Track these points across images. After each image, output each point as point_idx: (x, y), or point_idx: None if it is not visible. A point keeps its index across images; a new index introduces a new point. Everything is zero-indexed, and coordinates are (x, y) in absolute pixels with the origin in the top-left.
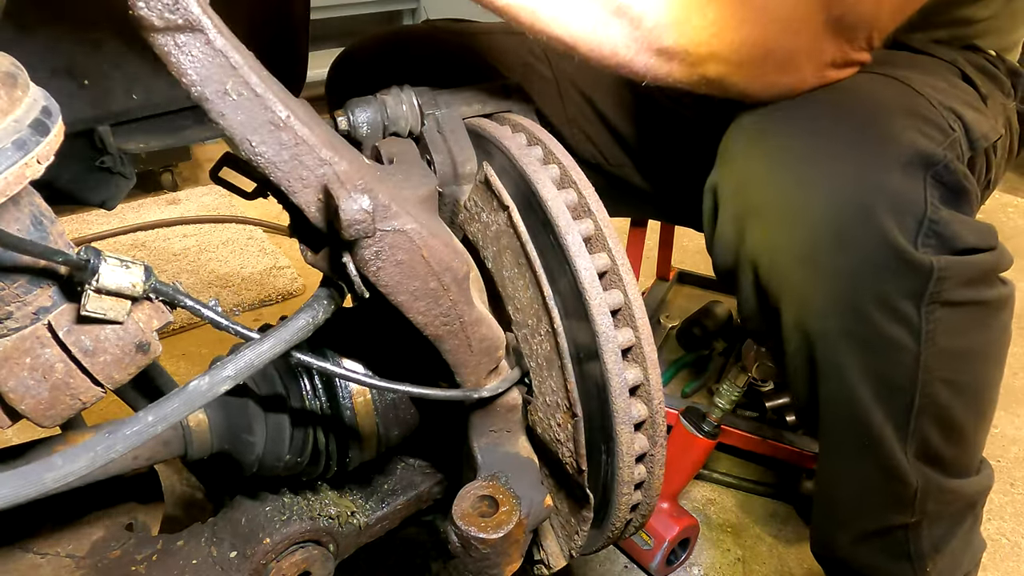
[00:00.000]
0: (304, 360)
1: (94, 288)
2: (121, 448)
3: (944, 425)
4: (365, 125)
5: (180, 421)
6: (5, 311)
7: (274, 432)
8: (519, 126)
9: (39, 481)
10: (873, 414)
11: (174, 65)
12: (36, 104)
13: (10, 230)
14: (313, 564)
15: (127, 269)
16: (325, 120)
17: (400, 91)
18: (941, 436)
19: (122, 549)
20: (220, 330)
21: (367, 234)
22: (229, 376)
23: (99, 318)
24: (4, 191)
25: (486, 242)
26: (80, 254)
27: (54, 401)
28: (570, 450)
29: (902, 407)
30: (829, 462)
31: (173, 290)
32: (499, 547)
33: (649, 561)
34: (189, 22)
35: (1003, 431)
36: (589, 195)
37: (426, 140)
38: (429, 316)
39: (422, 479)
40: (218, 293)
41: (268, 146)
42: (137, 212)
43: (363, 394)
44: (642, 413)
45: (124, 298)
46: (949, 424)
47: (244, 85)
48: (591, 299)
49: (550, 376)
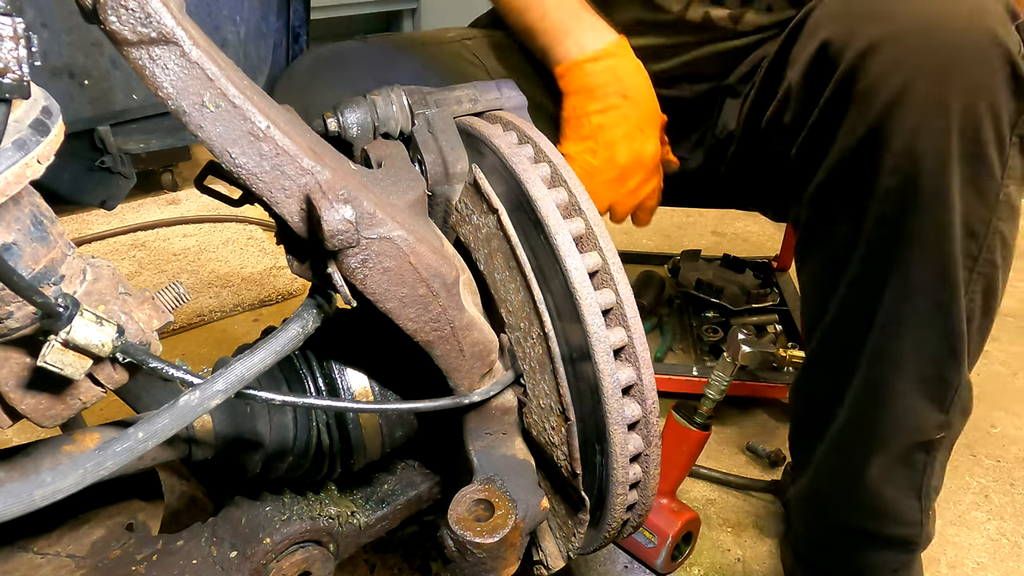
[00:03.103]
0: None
1: (61, 340)
2: (111, 465)
3: (986, 294)
4: (355, 126)
5: None
6: (5, 311)
7: (278, 434)
8: (510, 124)
9: (28, 499)
10: (954, 260)
11: (149, 79)
12: (36, 104)
13: (11, 230)
14: (313, 564)
15: (100, 326)
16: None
17: (390, 91)
18: (981, 311)
19: (122, 549)
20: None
21: (351, 243)
22: (220, 390)
23: (54, 372)
24: (4, 191)
25: (478, 244)
26: (59, 300)
27: (54, 401)
28: (564, 454)
29: (972, 257)
30: (893, 330)
31: (143, 352)
32: (495, 551)
33: (654, 559)
34: (163, 35)
35: (1003, 431)
36: (579, 193)
37: (416, 140)
38: (419, 322)
39: (422, 479)
40: (218, 293)
41: (248, 157)
42: (137, 212)
43: (366, 395)
44: (636, 413)
45: (88, 356)
46: (989, 292)
47: (222, 96)
48: (582, 299)
49: (543, 379)
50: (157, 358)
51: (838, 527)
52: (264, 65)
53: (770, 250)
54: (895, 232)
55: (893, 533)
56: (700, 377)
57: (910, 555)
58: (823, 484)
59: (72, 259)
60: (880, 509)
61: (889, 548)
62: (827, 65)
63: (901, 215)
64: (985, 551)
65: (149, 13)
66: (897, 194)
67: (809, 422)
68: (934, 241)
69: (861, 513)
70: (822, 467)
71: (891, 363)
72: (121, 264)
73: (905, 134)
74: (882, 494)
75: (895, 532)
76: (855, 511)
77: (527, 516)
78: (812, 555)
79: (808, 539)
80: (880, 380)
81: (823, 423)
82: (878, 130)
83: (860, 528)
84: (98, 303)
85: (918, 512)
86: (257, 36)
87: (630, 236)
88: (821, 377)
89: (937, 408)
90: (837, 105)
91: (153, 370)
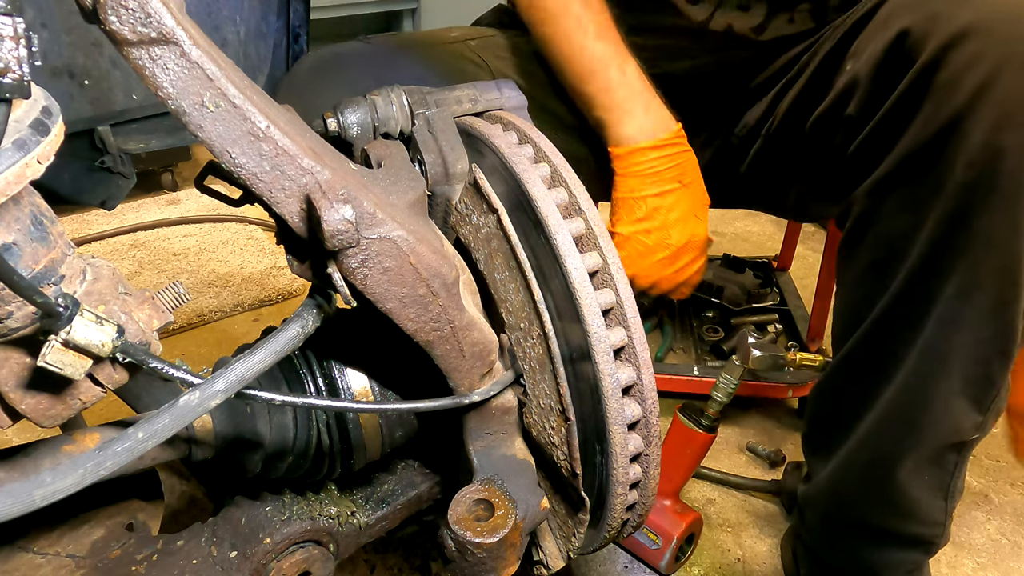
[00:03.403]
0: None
1: (61, 340)
2: (111, 465)
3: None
4: (355, 126)
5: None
6: (5, 311)
7: (278, 434)
8: (510, 124)
9: (28, 499)
10: (1021, 260)
11: (149, 79)
12: (36, 104)
13: (11, 230)
14: (313, 564)
15: (100, 326)
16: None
17: (390, 91)
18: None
19: (122, 549)
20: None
21: (351, 244)
22: (219, 390)
23: (54, 372)
24: (4, 191)
25: (478, 244)
26: (59, 300)
27: (54, 401)
28: (564, 454)
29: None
30: (949, 328)
31: (143, 352)
32: (495, 551)
33: (658, 560)
34: (163, 35)
35: (1003, 431)
36: (580, 193)
37: (416, 140)
38: (419, 322)
39: (422, 479)
40: (218, 293)
41: (248, 157)
42: (137, 212)
43: (366, 395)
44: (636, 413)
45: (87, 356)
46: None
47: (222, 96)
48: (582, 299)
49: (543, 379)
50: (157, 358)
51: (858, 524)
52: (264, 65)
53: (770, 250)
54: (962, 228)
55: (916, 532)
56: (700, 377)
57: (928, 555)
58: (847, 481)
59: (72, 259)
60: (906, 508)
61: (908, 547)
62: (904, 55)
63: (970, 211)
64: (985, 551)
65: (149, 13)
66: (970, 190)
67: (834, 420)
68: (1005, 240)
69: (885, 511)
70: (846, 464)
71: (940, 361)
72: (121, 264)
73: (986, 128)
74: (910, 493)
75: (918, 531)
76: (879, 509)
77: (527, 516)
78: (823, 550)
79: (822, 535)
80: (926, 378)
81: (850, 421)
82: (957, 123)
83: (881, 526)
84: (98, 303)
85: (943, 513)
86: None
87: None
88: (855, 375)
89: (976, 409)
90: (913, 96)
91: (153, 370)
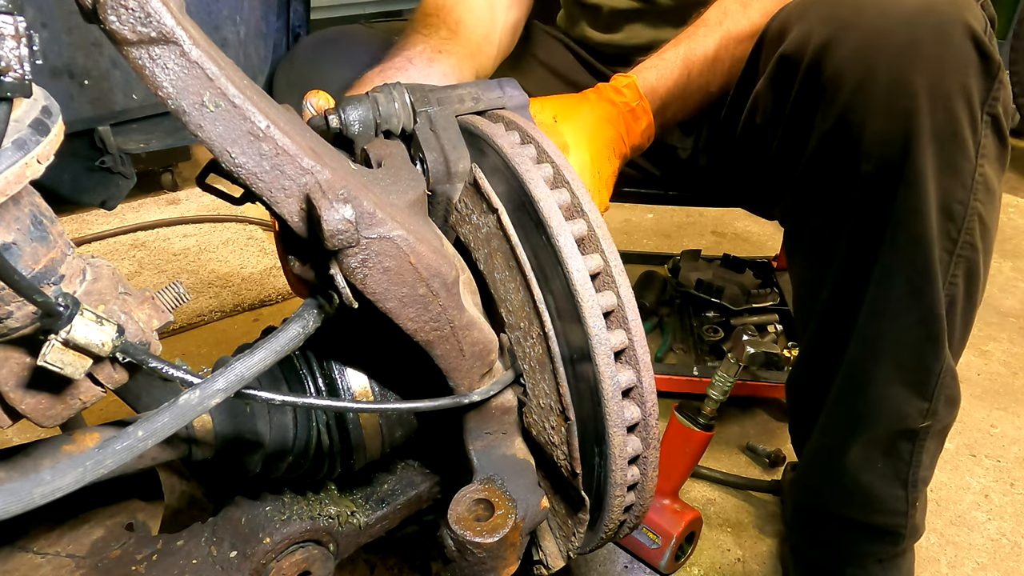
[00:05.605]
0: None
1: (61, 340)
2: (111, 464)
3: (968, 278)
4: (357, 123)
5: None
6: (5, 311)
7: (278, 434)
8: (512, 124)
9: (28, 498)
10: (931, 244)
11: (149, 79)
12: (36, 104)
13: (11, 230)
14: (313, 564)
15: (100, 326)
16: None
17: (392, 89)
18: (964, 295)
19: (122, 549)
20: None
21: (351, 243)
22: (220, 389)
23: (54, 371)
24: (4, 191)
25: (478, 244)
26: (59, 300)
27: (54, 401)
28: (564, 453)
29: (951, 240)
30: (874, 316)
31: (143, 352)
32: (495, 551)
33: (658, 560)
34: (163, 34)
35: (1003, 431)
36: (582, 195)
37: (418, 138)
38: (419, 322)
39: (422, 479)
40: (218, 293)
41: (248, 157)
42: (137, 212)
43: (366, 395)
44: (635, 415)
45: (87, 355)
46: (971, 276)
47: (222, 96)
48: (583, 301)
49: (543, 379)
50: (157, 358)
51: (824, 514)
52: (264, 65)
53: (770, 250)
54: (876, 218)
55: (877, 522)
56: (700, 377)
57: (896, 546)
58: (810, 471)
59: (72, 259)
60: (863, 497)
61: (874, 538)
62: (790, 65)
63: (880, 200)
64: (985, 551)
65: (149, 13)
66: (874, 180)
67: (802, 414)
68: (910, 224)
69: (842, 500)
70: (809, 455)
71: (870, 349)
72: (121, 264)
73: (874, 118)
74: (860, 480)
75: (879, 521)
76: (837, 497)
77: (527, 516)
78: (800, 542)
79: (797, 526)
80: (859, 367)
81: (814, 413)
82: (847, 116)
83: (844, 515)
84: (98, 303)
85: (903, 502)
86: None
87: (630, 236)
88: (813, 368)
89: (918, 396)
90: (807, 99)
91: (153, 370)
